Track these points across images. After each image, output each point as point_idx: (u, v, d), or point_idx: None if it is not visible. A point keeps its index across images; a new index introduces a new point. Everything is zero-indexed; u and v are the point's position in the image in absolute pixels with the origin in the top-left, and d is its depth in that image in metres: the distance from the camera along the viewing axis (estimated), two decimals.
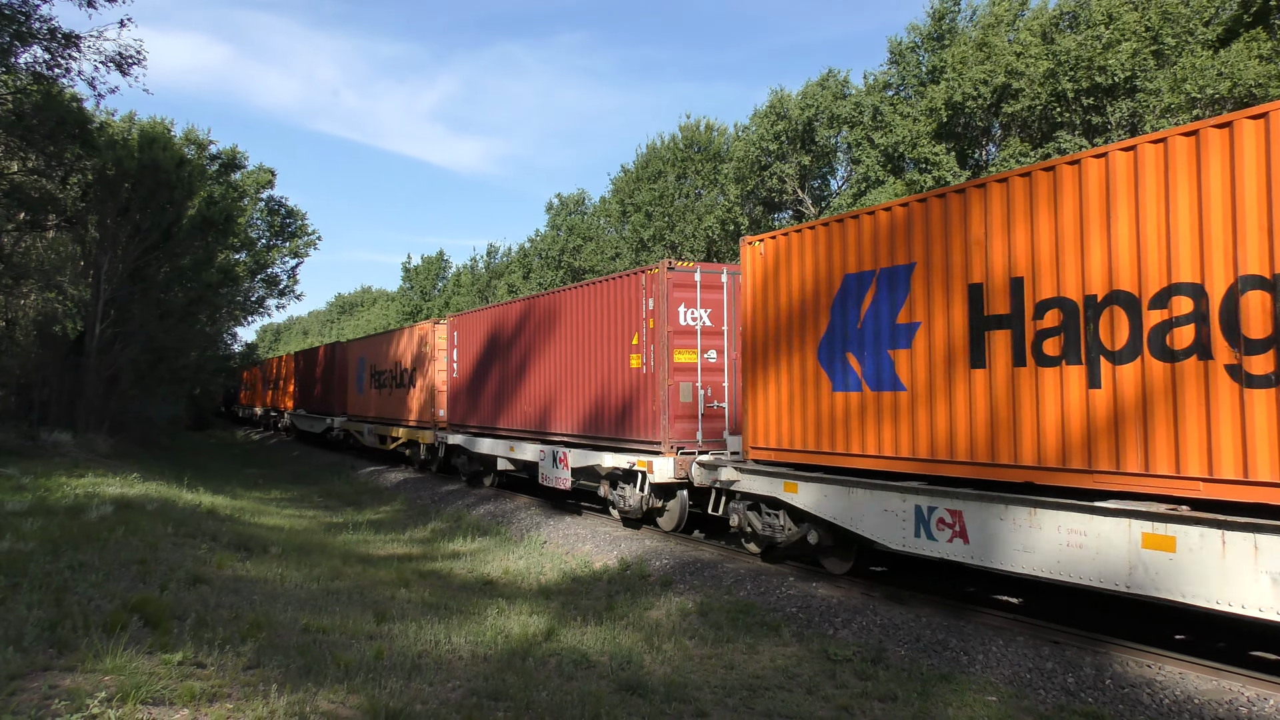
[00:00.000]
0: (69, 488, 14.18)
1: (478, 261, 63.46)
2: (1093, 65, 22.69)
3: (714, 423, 13.36)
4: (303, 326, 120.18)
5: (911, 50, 29.84)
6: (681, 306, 13.28)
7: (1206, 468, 6.67)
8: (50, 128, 20.87)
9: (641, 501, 13.68)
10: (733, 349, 13.47)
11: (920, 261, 8.96)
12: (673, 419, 13.06)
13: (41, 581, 7.26)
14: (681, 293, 13.31)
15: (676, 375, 13.12)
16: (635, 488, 13.83)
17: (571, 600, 10.46)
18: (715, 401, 13.36)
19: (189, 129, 37.59)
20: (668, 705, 6.63)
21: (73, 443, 21.50)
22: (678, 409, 13.08)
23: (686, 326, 13.29)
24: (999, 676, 7.49)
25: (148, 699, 5.00)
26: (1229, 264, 6.62)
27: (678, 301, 13.26)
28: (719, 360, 13.52)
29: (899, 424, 9.15)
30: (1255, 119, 6.53)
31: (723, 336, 13.55)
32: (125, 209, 25.16)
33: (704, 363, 13.37)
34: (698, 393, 13.24)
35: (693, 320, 13.34)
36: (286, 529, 15.18)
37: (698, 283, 13.44)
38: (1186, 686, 6.83)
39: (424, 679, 6.48)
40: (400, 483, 23.65)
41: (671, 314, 13.17)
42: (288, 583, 9.67)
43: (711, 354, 13.46)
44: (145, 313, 27.34)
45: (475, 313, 20.74)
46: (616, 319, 14.32)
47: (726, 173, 35.13)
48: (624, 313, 14.09)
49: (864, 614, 9.23)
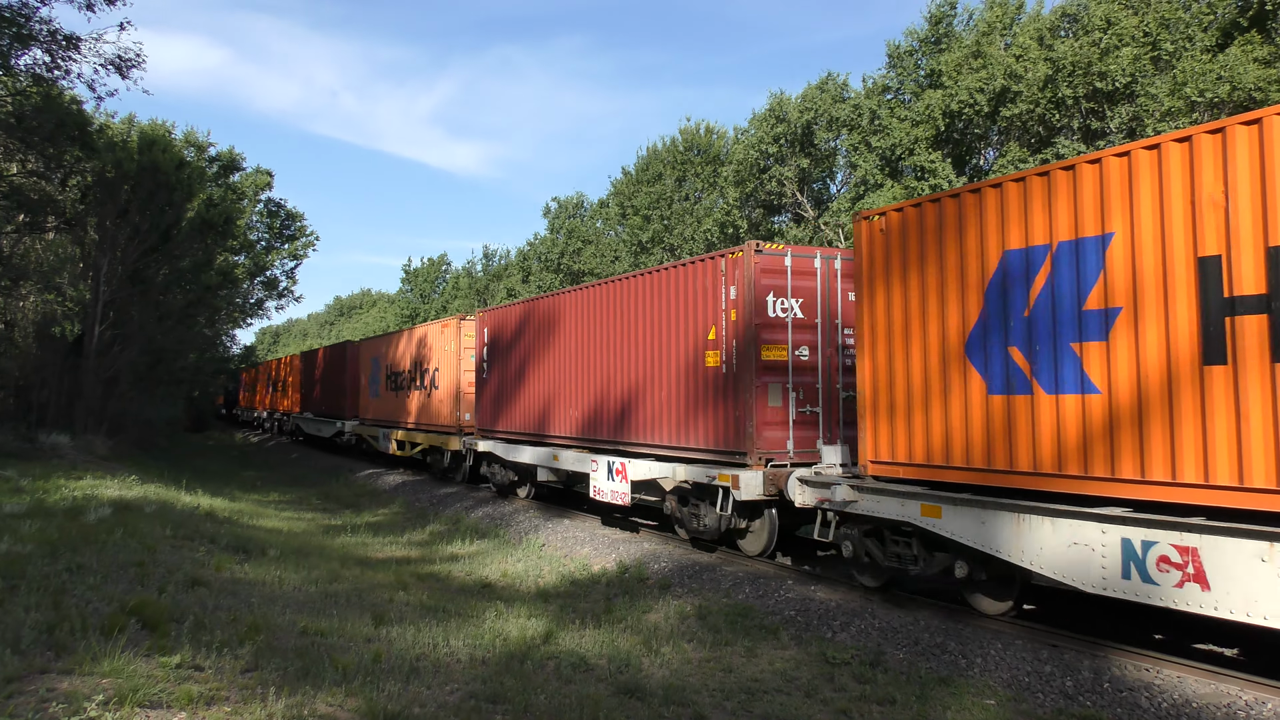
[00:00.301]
0: (67, 490, 14.17)
1: (475, 265, 63.54)
2: (1091, 70, 22.74)
3: (806, 431, 11.67)
4: (301, 329, 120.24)
5: (909, 54, 29.89)
6: (770, 296, 11.55)
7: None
8: (50, 130, 20.88)
9: (721, 521, 11.94)
10: (826, 345, 11.86)
11: (1121, 231, 7.33)
12: (760, 426, 11.34)
13: (39, 584, 7.25)
14: (770, 280, 11.57)
15: (765, 375, 11.41)
16: (712, 505, 12.09)
17: (570, 603, 10.45)
18: (807, 406, 11.68)
19: (189, 131, 37.65)
20: (666, 708, 6.63)
21: (71, 444, 21.49)
22: (766, 415, 11.40)
23: (775, 319, 11.57)
24: (997, 680, 7.49)
25: (145, 702, 5.00)
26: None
27: (765, 290, 11.53)
28: (811, 358, 11.78)
29: (1091, 435, 7.46)
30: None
31: (815, 331, 11.82)
32: (124, 211, 25.17)
33: (795, 360, 11.67)
34: (788, 395, 11.56)
35: (782, 312, 11.62)
36: (285, 531, 15.18)
37: (788, 268, 11.72)
38: (1185, 690, 6.84)
39: (422, 682, 6.48)
40: (399, 485, 23.64)
41: (759, 304, 11.44)
42: (286, 585, 9.66)
43: (803, 351, 11.73)
44: (144, 315, 27.34)
45: (510, 307, 18.87)
46: (689, 311, 12.55)
47: (726, 176, 35.18)
48: (698, 304, 12.37)
49: (862, 617, 9.24)
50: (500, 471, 19.23)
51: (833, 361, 11.88)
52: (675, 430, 12.81)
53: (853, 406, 11.46)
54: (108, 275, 25.08)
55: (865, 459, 9.61)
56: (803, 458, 11.46)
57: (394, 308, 78.20)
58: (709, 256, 12.29)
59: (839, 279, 12.02)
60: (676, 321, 12.85)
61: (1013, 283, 8.18)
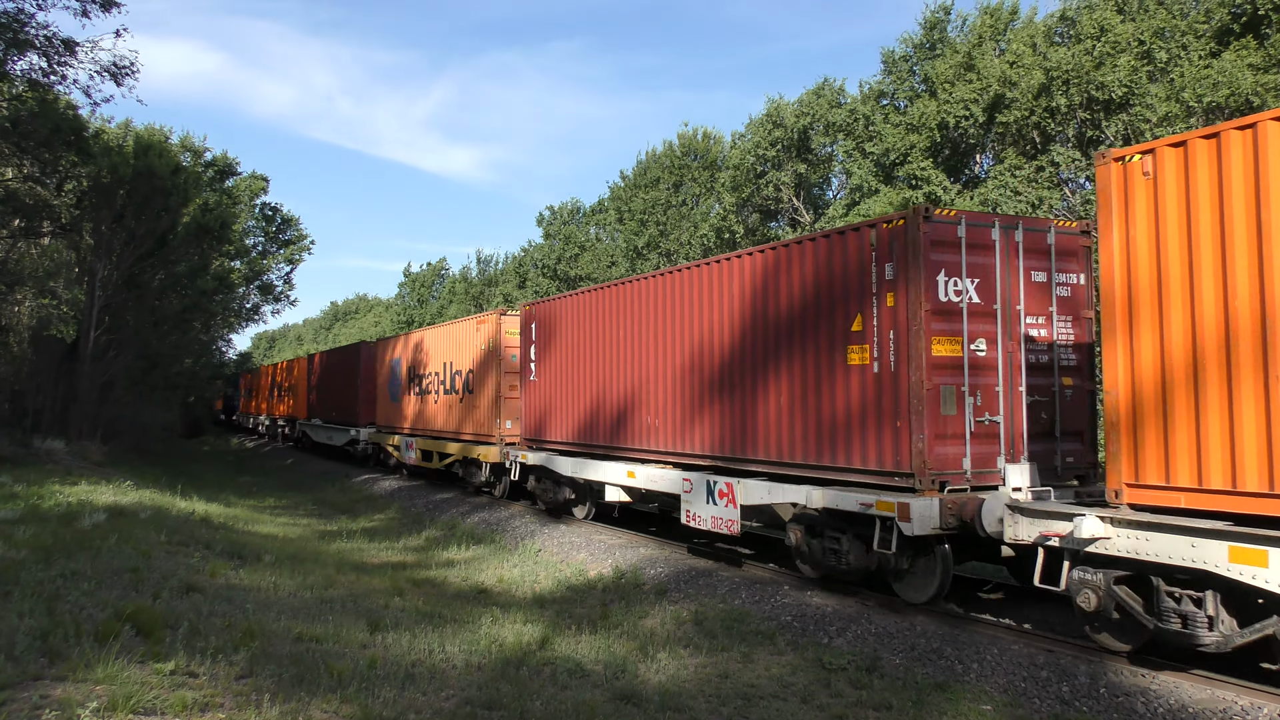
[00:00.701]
0: (62, 495, 14.14)
1: (470, 270, 63.56)
2: (1088, 80, 22.81)
3: (984, 445, 9.43)
4: (296, 334, 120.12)
5: (904, 60, 30.00)
6: (941, 275, 9.31)
7: None
8: (45, 135, 20.89)
9: (874, 560, 9.67)
10: (1007, 338, 9.66)
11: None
12: (932, 441, 9.11)
13: (33, 590, 7.23)
14: (941, 254, 9.33)
15: (936, 376, 9.20)
16: (859, 538, 9.84)
17: (566, 609, 10.44)
18: (986, 415, 9.45)
19: (185, 136, 37.64)
20: (662, 714, 6.62)
21: (66, 450, 21.45)
22: (937, 425, 9.15)
23: (948, 304, 9.32)
24: (994, 685, 7.49)
25: (139, 709, 4.98)
26: None
27: (936, 267, 9.27)
28: (989, 353, 9.54)
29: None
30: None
31: (994, 320, 9.58)
32: (120, 216, 25.17)
33: (971, 357, 9.44)
34: (965, 401, 9.35)
35: (956, 295, 9.37)
36: (280, 537, 15.15)
37: (962, 240, 9.46)
38: (1180, 696, 6.84)
39: (418, 688, 6.46)
40: (394, 491, 23.59)
41: (928, 285, 9.20)
42: (281, 591, 9.64)
43: (980, 345, 9.50)
44: (140, 320, 27.34)
45: (565, 299, 16.58)
46: (821, 297, 10.41)
47: (723, 181, 35.26)
48: (836, 286, 10.18)
49: (859, 623, 9.23)
50: (551, 488, 16.79)
51: (1014, 358, 9.71)
52: (804, 445, 10.60)
53: (1039, 413, 9.76)
54: (103, 280, 25.07)
55: (1118, 482, 7.47)
56: (980, 480, 9.32)
57: (390, 312, 78.17)
58: (851, 228, 10.07)
59: (1020, 255, 9.84)
60: (802, 311, 10.69)
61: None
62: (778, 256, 11.16)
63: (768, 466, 11.20)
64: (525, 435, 17.84)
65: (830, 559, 10.25)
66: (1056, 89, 23.59)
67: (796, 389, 10.73)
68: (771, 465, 11.13)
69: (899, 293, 9.39)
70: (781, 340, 11.02)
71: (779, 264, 11.11)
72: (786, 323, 10.94)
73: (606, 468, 14.57)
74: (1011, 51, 25.62)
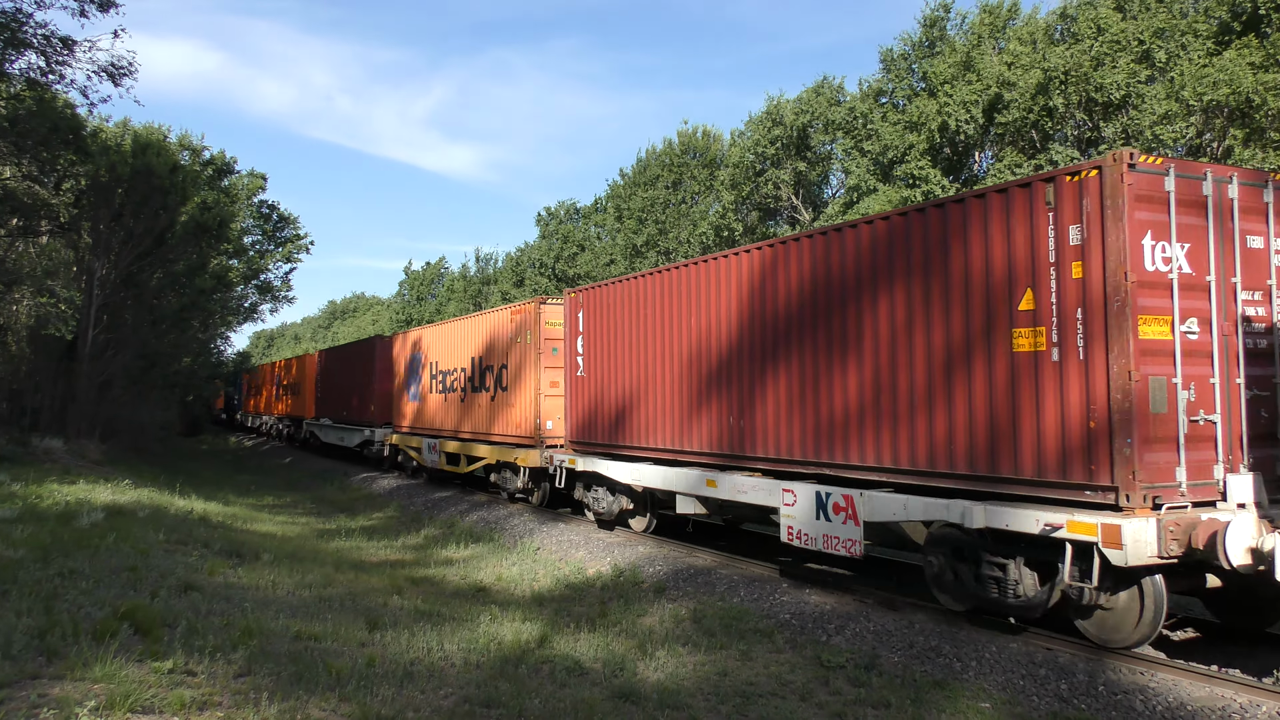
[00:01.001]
0: (60, 494, 14.13)
1: (469, 268, 63.59)
2: (1088, 81, 22.80)
3: (1199, 451, 7.60)
4: (295, 332, 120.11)
5: (903, 58, 30.01)
6: (1147, 238, 7.51)
7: None
8: (44, 134, 20.87)
9: (1053, 593, 7.81)
10: (1223, 318, 7.82)
11: None
12: (1140, 446, 7.30)
13: (31, 589, 7.23)
14: (1146, 212, 7.53)
15: (1143, 364, 7.37)
16: (1031, 565, 8.12)
17: (565, 607, 10.44)
18: (1200, 413, 7.62)
19: (183, 134, 37.65)
20: (661, 712, 6.62)
21: (64, 449, 21.44)
22: (1147, 427, 7.36)
23: (1154, 274, 7.53)
24: (992, 683, 7.50)
25: (137, 707, 4.98)
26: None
27: (1140, 229, 7.47)
28: (1203, 337, 7.73)
29: None
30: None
31: (1206, 295, 7.78)
32: (118, 215, 25.14)
33: (1183, 341, 7.61)
34: (1178, 396, 7.53)
35: (1164, 264, 7.57)
36: (278, 535, 15.15)
37: (1170, 195, 7.65)
38: (1179, 693, 6.84)
39: (416, 687, 6.46)
40: (393, 489, 23.59)
41: (1133, 250, 7.40)
42: (279, 590, 9.63)
43: (1191, 325, 7.67)
44: (138, 318, 27.32)
45: (623, 282, 14.44)
46: (975, 267, 8.54)
47: (722, 179, 35.27)
48: (995, 255, 8.35)
49: (857, 621, 9.23)
50: (606, 496, 15.09)
51: (1230, 343, 7.85)
52: (949, 450, 8.76)
53: (1258, 411, 7.97)
54: (101, 279, 25.05)
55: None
56: (1195, 494, 7.53)
57: (389, 311, 78.21)
58: (1018, 183, 8.25)
59: (1235, 215, 7.99)
60: (950, 288, 8.77)
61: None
62: (908, 223, 9.24)
63: (893, 475, 9.34)
64: (572, 438, 15.96)
65: (989, 589, 8.41)
66: (1055, 89, 23.59)
67: (938, 382, 8.84)
68: (901, 474, 9.24)
69: (1089, 260, 7.58)
70: (916, 322, 9.08)
71: (910, 231, 9.23)
72: (921, 300, 9.04)
73: (681, 475, 12.73)
74: (1009, 51, 25.61)
